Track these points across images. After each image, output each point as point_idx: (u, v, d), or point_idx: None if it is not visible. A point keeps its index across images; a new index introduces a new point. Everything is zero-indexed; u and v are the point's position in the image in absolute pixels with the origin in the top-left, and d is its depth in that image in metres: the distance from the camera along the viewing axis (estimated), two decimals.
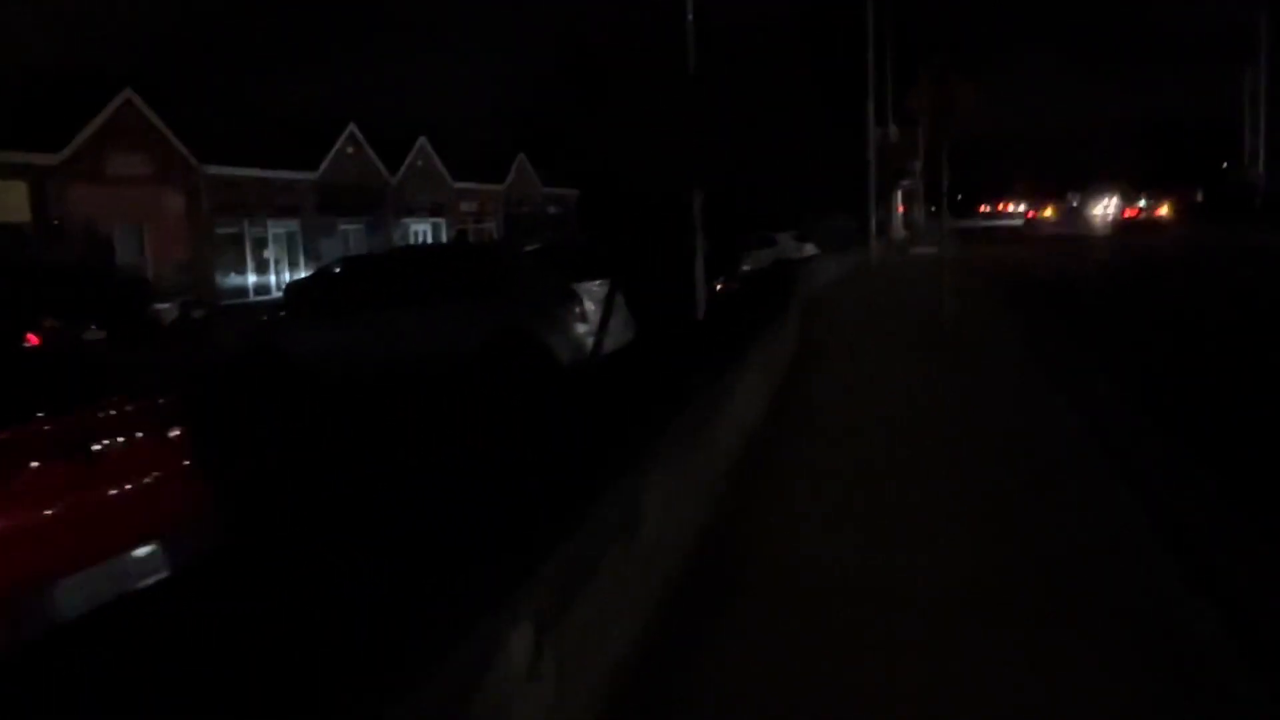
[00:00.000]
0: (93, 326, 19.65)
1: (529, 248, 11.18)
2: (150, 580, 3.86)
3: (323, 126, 39.24)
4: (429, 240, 46.63)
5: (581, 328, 10.47)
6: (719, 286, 15.28)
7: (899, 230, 45.95)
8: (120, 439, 3.94)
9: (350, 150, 40.68)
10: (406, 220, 45.05)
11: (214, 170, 32.70)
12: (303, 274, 29.31)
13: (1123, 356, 11.49)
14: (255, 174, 34.97)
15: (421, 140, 45.44)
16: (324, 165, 38.78)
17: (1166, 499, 5.57)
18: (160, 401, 4.24)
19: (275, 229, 36.79)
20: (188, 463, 4.27)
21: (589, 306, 10.57)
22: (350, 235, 41.08)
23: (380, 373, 10.26)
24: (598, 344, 8.58)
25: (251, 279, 35.30)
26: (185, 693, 1.85)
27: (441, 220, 48.03)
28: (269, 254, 36.47)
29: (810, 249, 26.17)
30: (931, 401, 8.71)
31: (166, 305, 22.32)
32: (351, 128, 40.42)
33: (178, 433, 4.25)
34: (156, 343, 20.03)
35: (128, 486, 3.95)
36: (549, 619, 2.86)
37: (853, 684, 3.44)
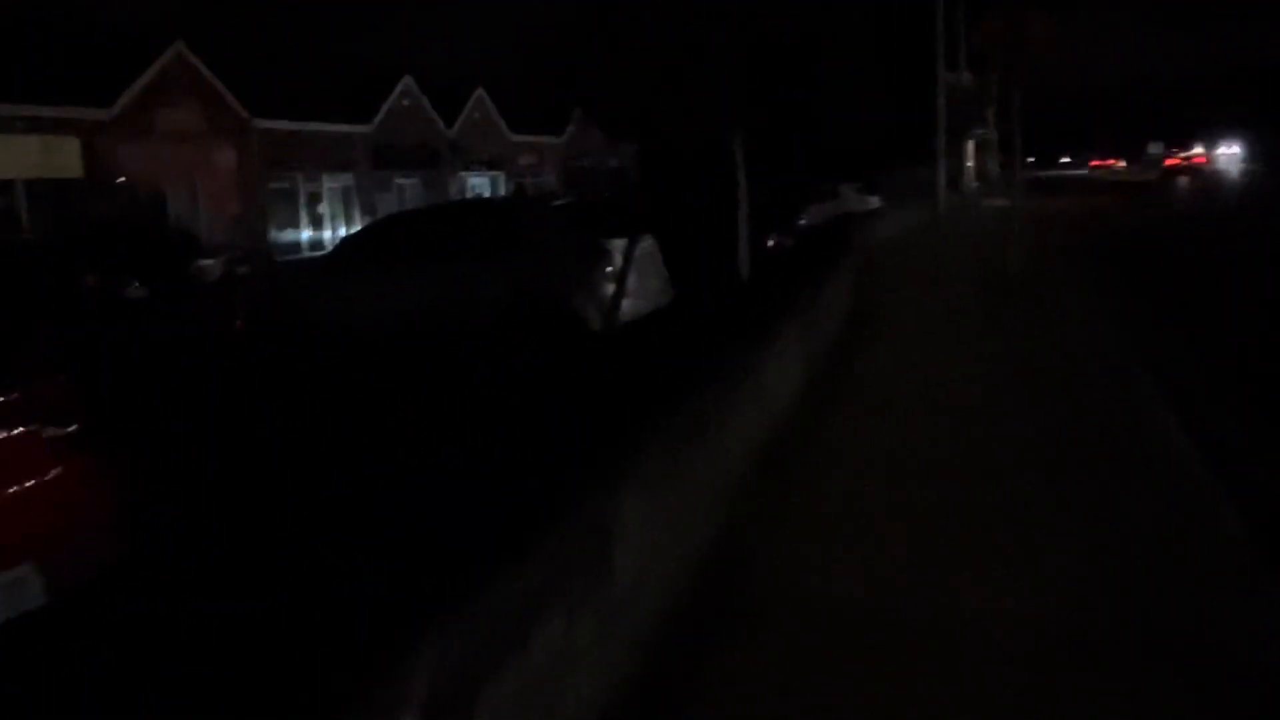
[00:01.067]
0: (135, 283, 19.31)
1: (558, 203, 10.31)
2: (21, 609, 3.14)
3: (377, 79, 38.62)
4: (486, 194, 45.99)
5: (613, 289, 9.61)
6: (771, 243, 14.30)
7: (971, 181, 44.16)
8: None
9: (406, 103, 40.04)
10: (463, 174, 44.40)
11: (266, 124, 32.28)
12: (357, 229, 28.87)
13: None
14: (308, 128, 34.52)
15: (479, 92, 44.64)
16: (379, 118, 38.21)
17: None
18: (41, 387, 3.51)
19: (329, 183, 36.38)
20: (79, 464, 3.53)
21: (620, 264, 9.71)
22: (406, 189, 40.57)
23: (390, 336, 9.57)
24: (613, 308, 7.75)
25: (305, 234, 34.98)
26: None
27: (499, 174, 47.31)
28: (323, 209, 36.12)
29: (875, 202, 24.91)
30: (995, 374, 7.75)
31: (210, 261, 21.93)
32: (407, 80, 39.74)
33: (66, 429, 3.52)
34: (199, 299, 19.63)
35: None
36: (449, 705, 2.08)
37: None
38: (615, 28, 7.98)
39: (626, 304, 9.64)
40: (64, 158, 25.92)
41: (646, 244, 10.37)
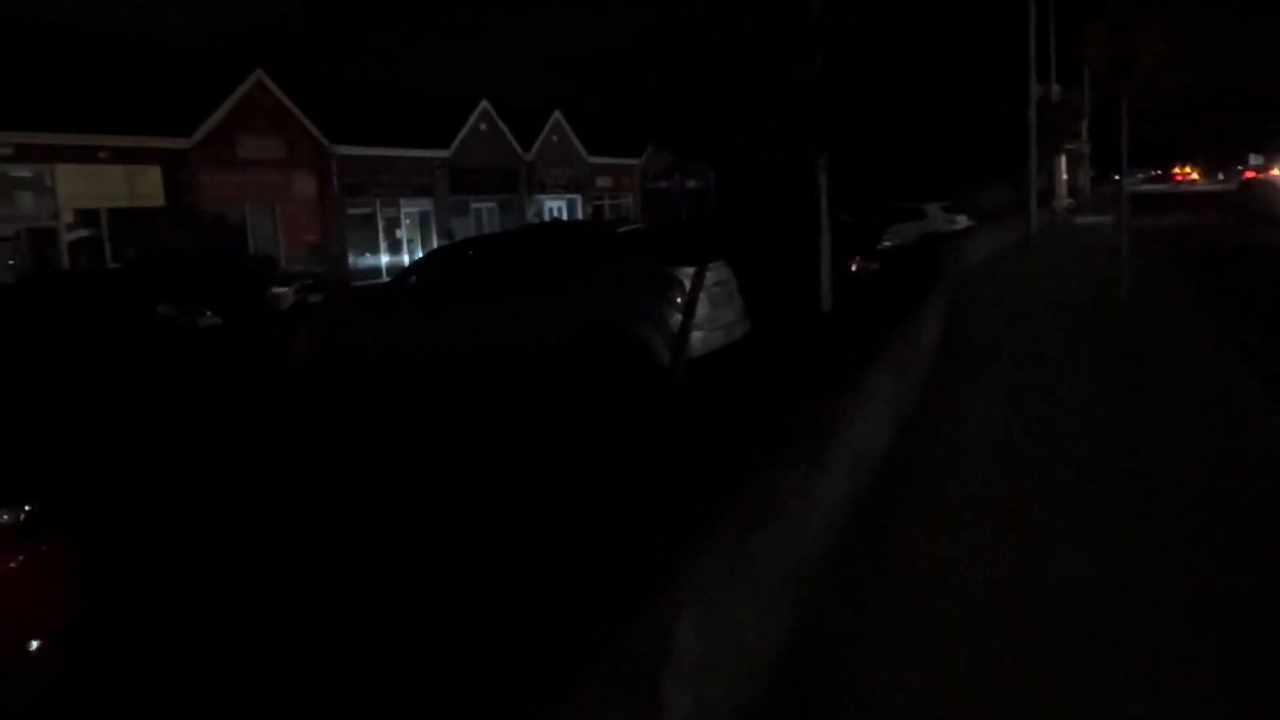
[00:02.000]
0: (208, 312, 19.23)
1: (626, 228, 9.69)
2: None
3: (455, 104, 38.65)
4: (564, 217, 45.77)
5: (683, 321, 8.96)
6: (854, 267, 13.52)
7: (1063, 198, 42.57)
8: None
9: (483, 127, 40.01)
10: (540, 197, 44.24)
11: (345, 150, 32.40)
12: (419, 256, 28.61)
13: None
14: (387, 153, 34.60)
15: (556, 115, 44.48)
16: (456, 143, 38.20)
17: None
18: None
19: (408, 208, 36.44)
20: (25, 558, 2.97)
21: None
22: (483, 213, 40.52)
23: (445, 370, 9.05)
24: (681, 342, 7.08)
25: (384, 259, 35.03)
26: None
27: (577, 197, 47.08)
28: (401, 234, 36.15)
29: (963, 221, 23.88)
30: (1112, 420, 6.87)
31: (284, 290, 21.83)
32: (484, 104, 39.72)
33: (14, 514, 2.96)
34: (271, 328, 19.47)
35: None
36: None
37: None
38: (680, 50, 7.35)
39: (698, 337, 8.99)
40: (146, 186, 26.22)
41: (720, 272, 9.70)
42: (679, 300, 9.02)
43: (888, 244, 18.35)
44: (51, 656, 2.97)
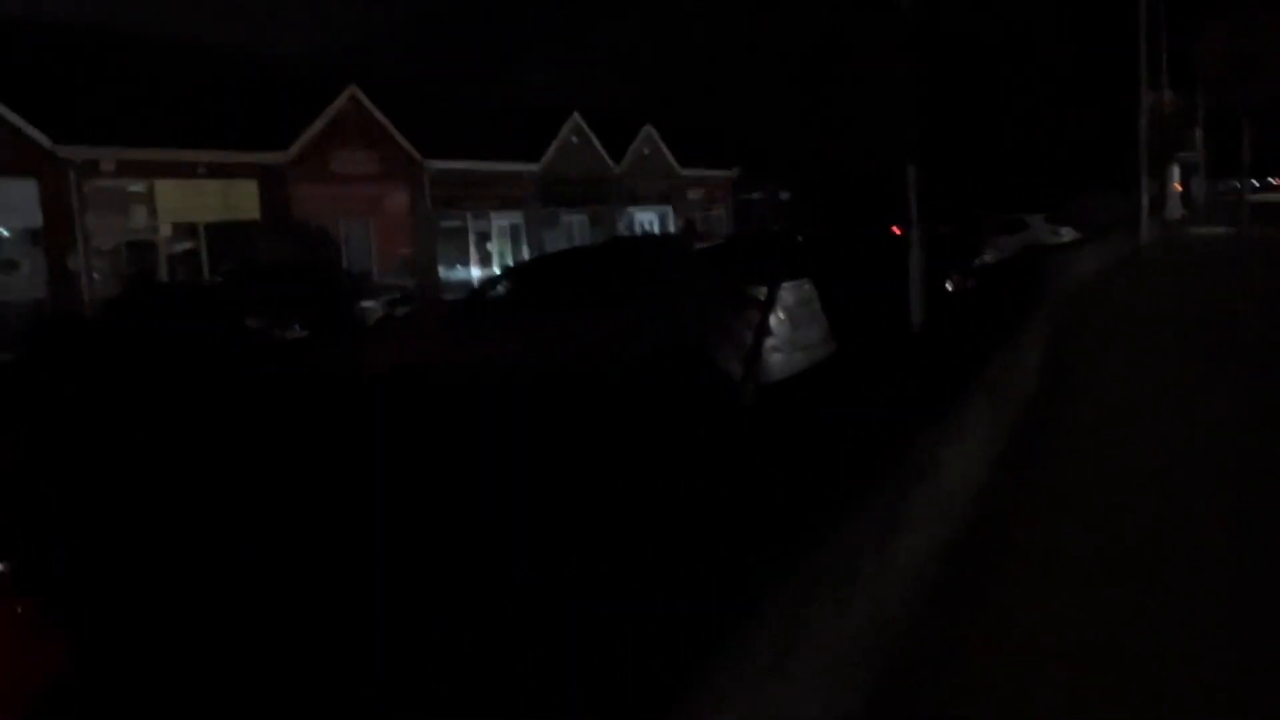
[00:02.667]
0: (295, 326, 19.32)
1: (703, 245, 9.23)
2: None
3: (546, 116, 38.68)
4: (654, 230, 45.51)
5: (767, 342, 8.44)
6: (950, 285, 12.81)
7: (1175, 208, 40.72)
8: None
9: (574, 140, 39.98)
10: (631, 209, 44.04)
11: (437, 164, 32.62)
12: (493, 272, 28.50)
13: None
14: (478, 167, 34.75)
15: (647, 128, 44.26)
16: (547, 156, 38.21)
17: None
18: None
19: (499, 221, 36.55)
20: None
21: (774, 316, 8.54)
22: (574, 226, 40.47)
23: (511, 389, 8.69)
24: (755, 365, 6.58)
25: (475, 272, 35.14)
26: None
27: (668, 209, 46.78)
28: (492, 247, 36.27)
29: (1067, 233, 22.79)
30: (1255, 469, 6.13)
31: (372, 303, 21.88)
32: (575, 116, 39.68)
33: None
34: (354, 342, 19.48)
35: None
36: None
37: None
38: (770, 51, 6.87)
39: (777, 359, 8.49)
40: (242, 200, 26.69)
41: (802, 290, 9.18)
42: (759, 320, 8.51)
43: (987, 258, 17.53)
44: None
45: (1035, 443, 6.94)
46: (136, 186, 24.27)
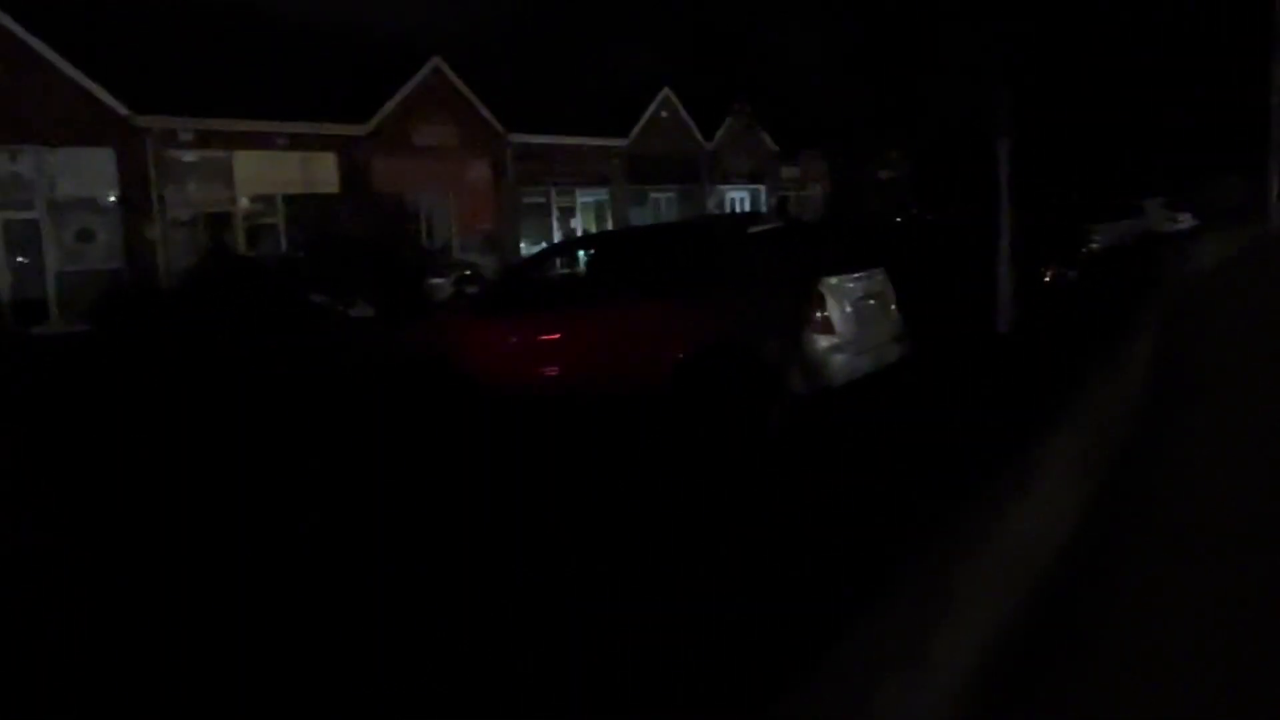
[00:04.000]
0: (361, 302, 18.81)
1: (760, 228, 8.19)
2: None
3: (635, 90, 37.64)
4: (746, 208, 44.29)
5: (824, 341, 7.40)
6: (1048, 276, 11.49)
7: None
8: None
9: (664, 115, 38.88)
10: (722, 187, 42.83)
11: (520, 139, 31.91)
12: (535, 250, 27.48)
13: None
14: (563, 141, 33.93)
15: (740, 104, 42.85)
16: (635, 131, 37.22)
17: None
18: None
19: (583, 198, 35.74)
20: None
21: (838, 311, 7.48)
22: (661, 203, 39.46)
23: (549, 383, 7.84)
24: (814, 367, 5.57)
25: None
26: None
27: (760, 187, 45.43)
28: (576, 223, 35.50)
29: (1186, 220, 20.98)
30: None
31: (441, 280, 21.28)
32: (666, 92, 38.57)
33: None
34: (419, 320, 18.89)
35: None
36: None
37: None
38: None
39: (839, 361, 7.43)
40: (321, 173, 26.35)
41: (873, 281, 8.07)
42: (819, 316, 7.46)
43: (1095, 245, 15.99)
44: None
45: (1138, 457, 5.81)
46: (214, 157, 24.03)
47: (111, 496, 6.43)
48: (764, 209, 44.73)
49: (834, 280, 7.63)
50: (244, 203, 24.81)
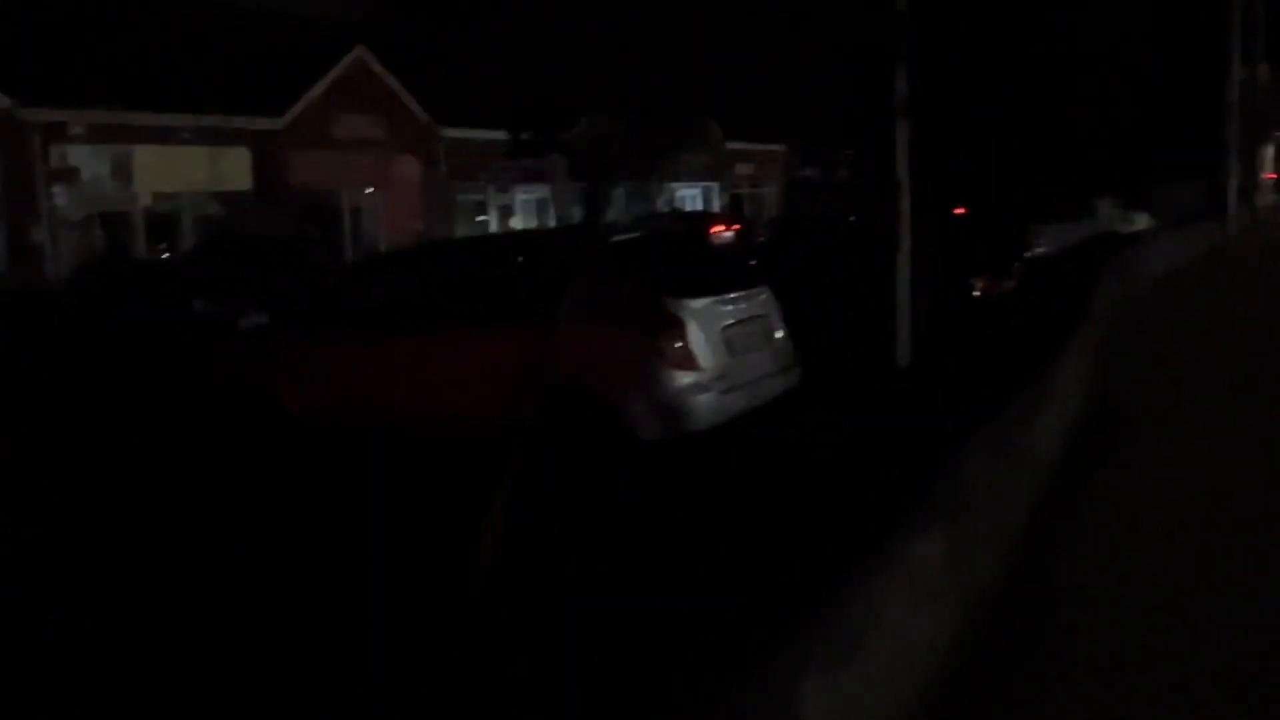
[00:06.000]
0: (251, 310, 17.22)
1: (619, 238, 6.81)
2: None
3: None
4: (699, 206, 43.03)
5: (685, 378, 6.02)
6: (977, 289, 10.16)
7: (1267, 195, 37.08)
8: None
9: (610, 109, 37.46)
10: (673, 185, 41.45)
11: (454, 133, 30.34)
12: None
13: None
14: (501, 137, 32.40)
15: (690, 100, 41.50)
16: (578, 126, 35.74)
17: None
18: None
19: (523, 195, 34.25)
20: None
21: (699, 339, 6.11)
22: (609, 201, 38.02)
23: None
24: (675, 410, 4.21)
25: None
26: None
27: (714, 185, 44.16)
28: (515, 222, 34.03)
29: (1142, 221, 19.83)
30: None
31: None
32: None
33: None
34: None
35: None
36: None
37: None
38: None
39: (703, 401, 6.06)
40: (232, 169, 24.70)
41: (753, 302, 6.72)
42: (677, 347, 6.08)
43: (1041, 250, 14.71)
44: None
45: (1070, 487, 4.49)
46: (111, 152, 22.33)
47: None
48: (716, 207, 43.52)
49: (699, 303, 6.26)
50: (145, 202, 23.12)
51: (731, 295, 6.51)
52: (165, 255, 21.25)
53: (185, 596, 4.34)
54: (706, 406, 6.05)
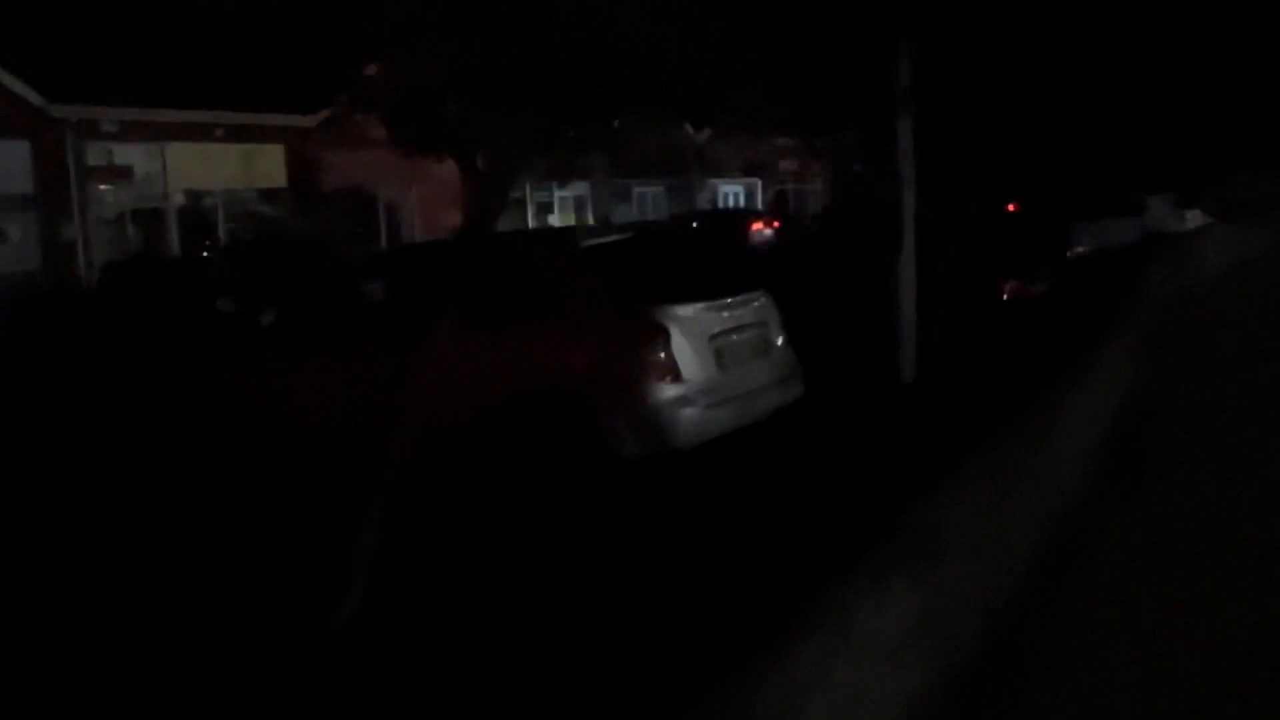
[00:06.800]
0: (272, 310, 17.00)
1: (600, 240, 6.36)
2: None
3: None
4: (740, 203, 42.44)
5: (668, 391, 5.54)
6: (1006, 292, 9.53)
7: None
8: None
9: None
10: (714, 181, 40.89)
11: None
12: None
13: None
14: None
15: (733, 93, 40.88)
16: (619, 121, 35.28)
17: None
18: None
19: (561, 193, 33.88)
20: None
21: (685, 348, 5.63)
22: (648, 199, 37.59)
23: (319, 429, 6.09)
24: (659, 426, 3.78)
25: None
26: None
27: (756, 181, 43.50)
28: (554, 219, 33.71)
29: (1195, 218, 18.89)
30: None
31: (376, 284, 19.45)
32: None
33: None
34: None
35: None
36: None
37: None
38: None
39: (687, 416, 5.59)
40: (267, 166, 24.62)
41: (748, 309, 6.21)
42: (661, 357, 5.60)
43: (1081, 250, 13.95)
44: None
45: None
46: (143, 150, 22.31)
47: None
48: (760, 205, 42.82)
49: (687, 310, 5.77)
50: (179, 199, 23.09)
51: (724, 301, 6.01)
52: (205, 254, 21.14)
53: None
54: (692, 422, 5.56)
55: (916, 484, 3.46)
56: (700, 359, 5.69)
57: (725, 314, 5.98)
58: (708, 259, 7.03)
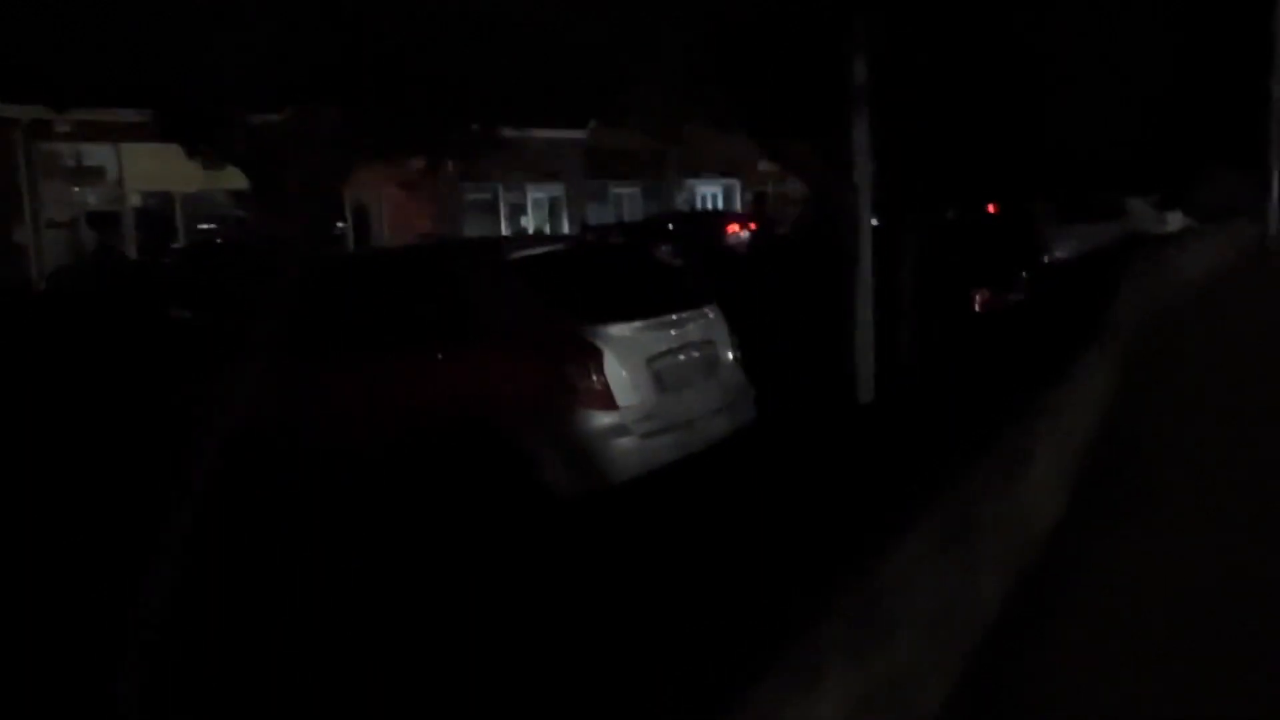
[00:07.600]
0: (229, 320, 16.43)
1: (530, 251, 5.83)
2: None
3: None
4: (719, 205, 42.03)
5: (601, 419, 5.03)
6: (978, 302, 9.06)
7: None
8: None
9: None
10: (692, 181, 40.41)
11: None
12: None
13: None
14: (511, 134, 31.47)
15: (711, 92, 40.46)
16: (593, 122, 34.76)
17: None
18: None
19: (535, 194, 33.33)
20: None
21: (618, 371, 5.11)
22: (624, 200, 37.08)
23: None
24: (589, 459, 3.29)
25: None
26: None
27: (735, 182, 43.04)
28: (527, 222, 33.13)
29: (1175, 221, 18.53)
30: None
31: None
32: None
33: None
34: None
35: None
36: None
37: None
38: None
39: (624, 445, 5.08)
40: (229, 168, 23.95)
41: (694, 326, 5.70)
42: (594, 380, 5.08)
43: (1060, 255, 13.53)
44: None
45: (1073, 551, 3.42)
46: (98, 150, 21.66)
47: None
48: (738, 205, 42.38)
49: (622, 329, 5.26)
50: (135, 201, 22.43)
51: (666, 318, 5.50)
52: (163, 258, 20.54)
53: None
54: (627, 454, 5.05)
55: (863, 538, 2.96)
56: (637, 383, 5.18)
57: (667, 332, 5.48)
58: (649, 271, 6.52)
